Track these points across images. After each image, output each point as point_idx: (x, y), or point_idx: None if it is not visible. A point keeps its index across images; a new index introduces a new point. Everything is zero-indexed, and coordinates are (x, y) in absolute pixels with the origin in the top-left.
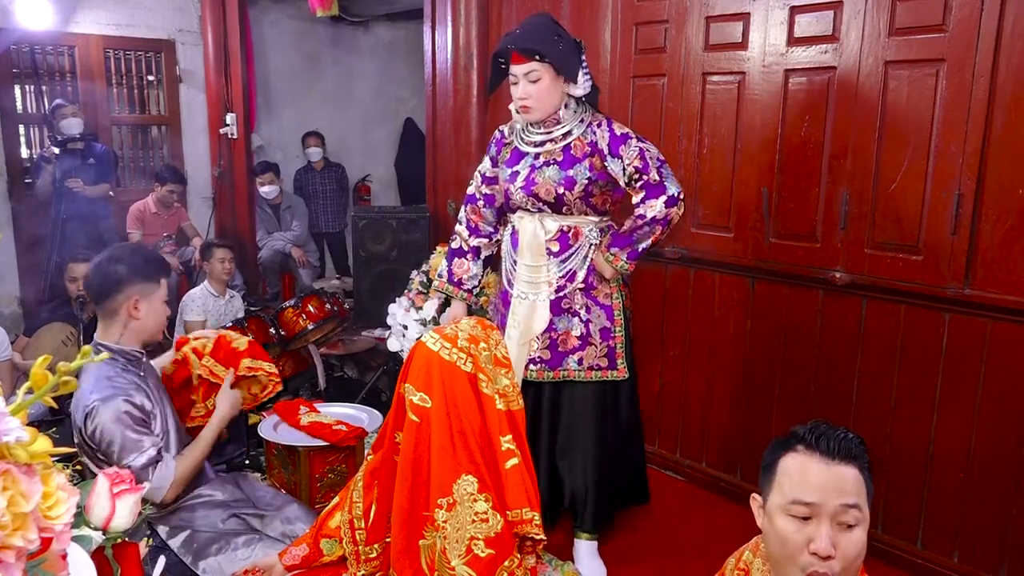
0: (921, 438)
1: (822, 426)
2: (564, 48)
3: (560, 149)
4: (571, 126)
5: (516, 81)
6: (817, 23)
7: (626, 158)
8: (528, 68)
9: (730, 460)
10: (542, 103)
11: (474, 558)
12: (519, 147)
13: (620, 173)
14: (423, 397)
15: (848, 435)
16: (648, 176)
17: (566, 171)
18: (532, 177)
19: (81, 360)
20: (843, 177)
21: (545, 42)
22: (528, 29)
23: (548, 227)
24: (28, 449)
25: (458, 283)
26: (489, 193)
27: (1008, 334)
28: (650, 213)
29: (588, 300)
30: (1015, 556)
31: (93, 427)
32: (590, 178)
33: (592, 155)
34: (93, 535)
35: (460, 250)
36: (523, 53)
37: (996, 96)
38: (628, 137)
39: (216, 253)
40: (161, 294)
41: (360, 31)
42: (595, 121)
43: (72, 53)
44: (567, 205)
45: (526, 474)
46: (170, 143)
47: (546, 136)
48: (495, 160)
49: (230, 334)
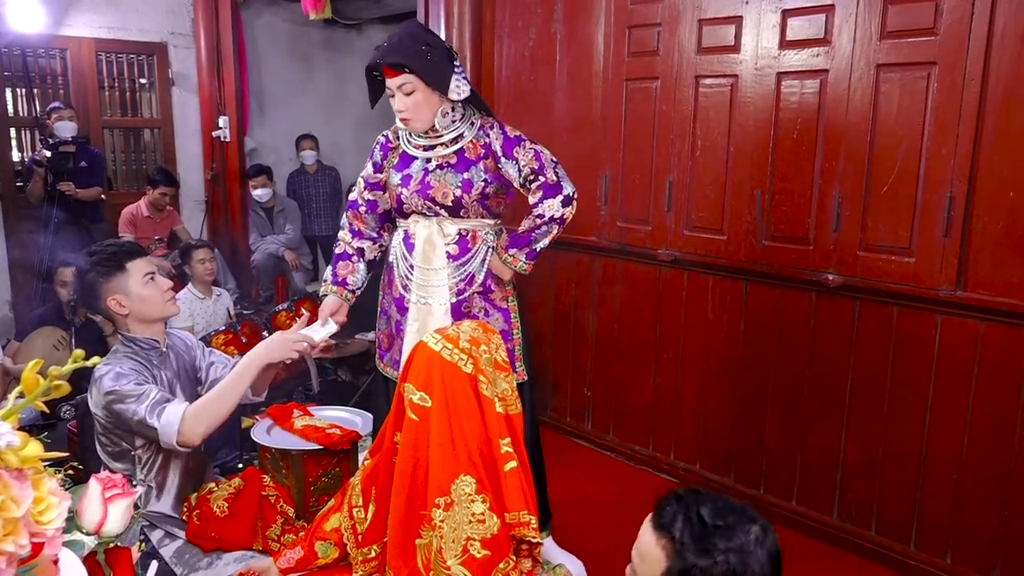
0: (914, 439)
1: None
2: (433, 58)
3: (453, 153)
4: (462, 129)
5: (392, 94)
6: (809, 26)
7: (521, 160)
8: (400, 81)
9: (724, 462)
10: (420, 114)
11: (470, 558)
12: (407, 151)
13: (515, 175)
14: (423, 396)
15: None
16: (546, 176)
17: (462, 174)
18: (427, 181)
19: (72, 364)
20: (835, 179)
21: (413, 54)
22: (395, 42)
23: (447, 231)
24: (19, 454)
25: (342, 283)
26: (372, 199)
27: (1000, 336)
28: (548, 212)
29: (486, 304)
30: (1008, 557)
31: (100, 394)
32: (486, 180)
33: (486, 157)
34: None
35: (344, 254)
36: (392, 67)
37: (987, 99)
38: (521, 139)
39: (196, 254)
40: (135, 277)
41: (353, 34)
42: (486, 124)
43: (64, 56)
44: (465, 208)
45: (524, 478)
46: (162, 146)
47: (435, 140)
48: (379, 166)
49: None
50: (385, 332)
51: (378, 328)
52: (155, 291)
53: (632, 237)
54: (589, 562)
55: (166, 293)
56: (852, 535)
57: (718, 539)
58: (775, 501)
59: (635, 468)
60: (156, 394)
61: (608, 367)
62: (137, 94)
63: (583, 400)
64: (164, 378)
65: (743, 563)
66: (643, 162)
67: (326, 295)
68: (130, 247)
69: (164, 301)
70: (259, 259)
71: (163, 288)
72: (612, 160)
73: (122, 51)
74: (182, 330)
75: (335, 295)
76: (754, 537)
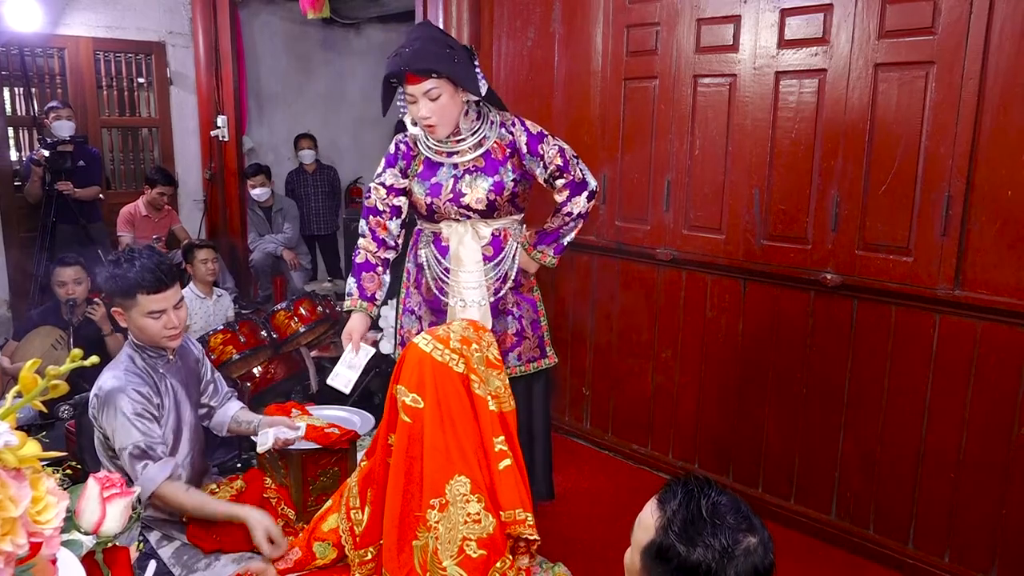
0: (912, 438)
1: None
2: (459, 59)
3: (480, 156)
4: (484, 131)
5: (414, 100)
6: (807, 26)
7: (547, 157)
8: (428, 86)
9: (722, 461)
10: (446, 118)
11: (466, 559)
12: (431, 158)
13: (541, 172)
14: (415, 398)
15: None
16: (572, 174)
17: (492, 177)
18: (458, 189)
19: (70, 364)
20: (834, 179)
21: (440, 58)
22: (419, 47)
23: (482, 233)
24: (17, 453)
25: (371, 298)
26: (396, 204)
27: (998, 335)
28: (576, 209)
29: (518, 297)
30: (1006, 555)
31: (101, 413)
32: (515, 179)
33: (512, 156)
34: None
35: (368, 264)
36: (419, 73)
37: (985, 98)
38: (544, 135)
39: (198, 254)
40: (141, 308)
41: (351, 33)
42: (507, 121)
43: (62, 55)
44: (497, 209)
45: (518, 475)
46: (160, 145)
47: (457, 145)
48: (405, 172)
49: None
50: (414, 332)
51: (403, 327)
52: (156, 326)
53: (630, 236)
54: (587, 560)
55: (168, 330)
56: (850, 534)
57: (705, 532)
58: (773, 500)
59: (633, 467)
60: (140, 441)
61: (606, 366)
62: (135, 93)
63: (581, 399)
64: (170, 386)
65: (721, 565)
66: (641, 161)
67: (351, 311)
68: (152, 280)
69: (162, 337)
70: (257, 258)
71: (167, 325)
72: (611, 159)
73: (120, 50)
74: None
75: (364, 312)
76: (745, 546)
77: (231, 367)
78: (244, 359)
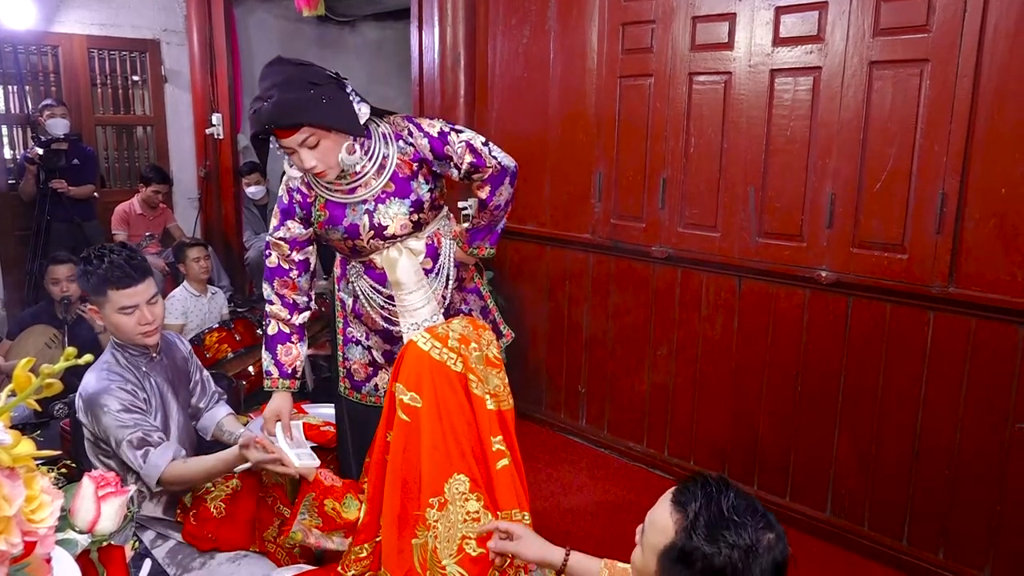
0: (906, 435)
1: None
2: (328, 98)
3: (388, 180)
4: (382, 150)
5: (292, 151)
6: (802, 23)
7: (455, 157)
8: (301, 137)
9: (717, 458)
10: (333, 160)
11: (465, 557)
12: (332, 199)
13: (455, 173)
14: (414, 397)
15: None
16: (489, 167)
17: (408, 198)
18: (376, 222)
19: (64, 363)
20: (828, 177)
21: (305, 105)
22: (279, 99)
23: (416, 248)
24: (11, 452)
25: (291, 375)
26: (302, 259)
27: (992, 332)
28: (503, 200)
29: (463, 294)
30: (1000, 552)
31: (86, 417)
32: (431, 188)
33: (421, 167)
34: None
35: (282, 334)
36: (288, 128)
37: (979, 96)
38: (445, 134)
39: (190, 253)
40: (112, 304)
41: (347, 31)
42: (402, 131)
43: (56, 53)
44: (424, 222)
45: (516, 475)
46: (155, 143)
47: (355, 180)
48: (308, 221)
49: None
50: (362, 362)
51: (346, 359)
52: (130, 322)
53: (626, 234)
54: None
55: (143, 327)
56: (845, 531)
57: (729, 532)
58: (768, 497)
59: (629, 465)
60: (138, 431)
61: (602, 364)
62: (130, 91)
63: (577, 397)
64: (154, 384)
65: (746, 563)
66: (637, 159)
67: (272, 391)
68: (120, 276)
69: (136, 333)
70: (253, 256)
71: (141, 322)
72: (606, 157)
73: (114, 48)
74: (173, 330)
75: (287, 391)
76: (766, 543)
77: (226, 365)
78: (239, 357)
